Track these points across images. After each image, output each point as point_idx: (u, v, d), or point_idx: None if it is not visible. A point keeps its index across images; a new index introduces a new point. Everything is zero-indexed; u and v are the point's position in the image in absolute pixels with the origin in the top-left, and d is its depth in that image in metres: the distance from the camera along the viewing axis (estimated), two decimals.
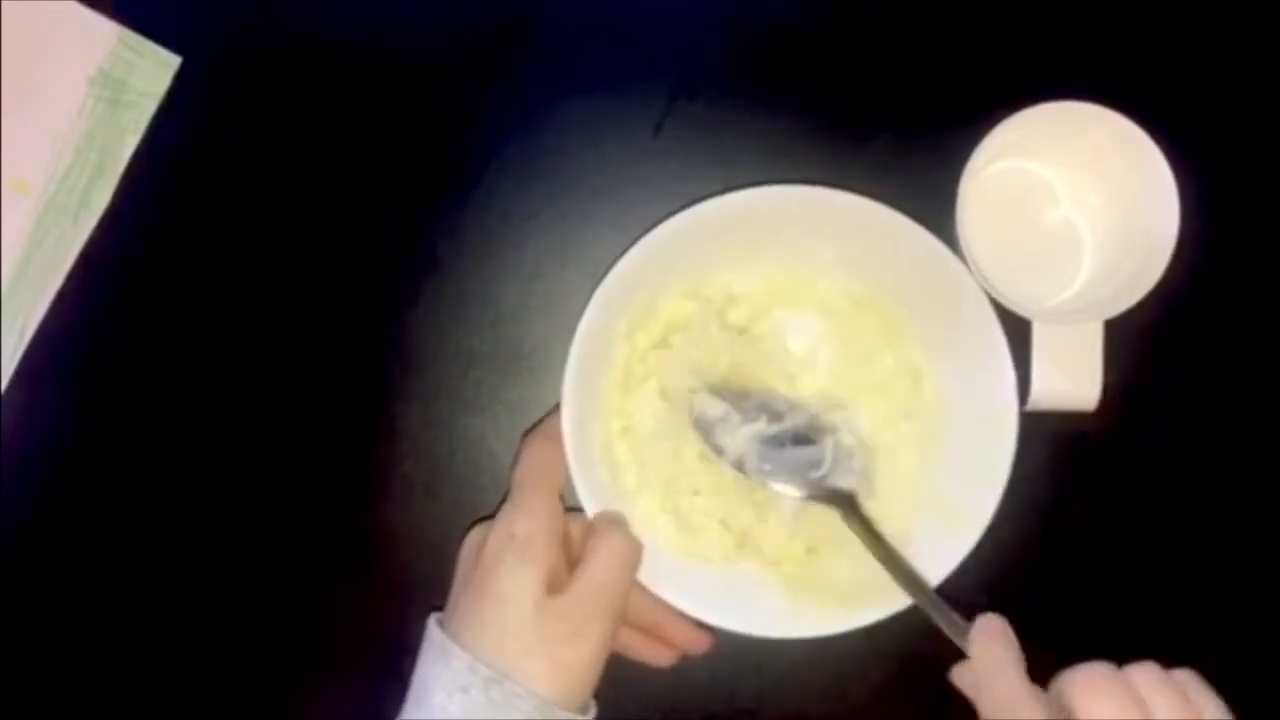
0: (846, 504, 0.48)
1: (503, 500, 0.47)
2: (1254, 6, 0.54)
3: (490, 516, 0.47)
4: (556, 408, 0.47)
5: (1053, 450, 0.53)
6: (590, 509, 0.47)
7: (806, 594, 0.49)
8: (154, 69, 0.53)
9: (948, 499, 0.49)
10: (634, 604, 0.47)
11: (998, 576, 0.50)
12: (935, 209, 0.50)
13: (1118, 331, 0.51)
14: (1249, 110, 0.54)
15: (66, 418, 0.54)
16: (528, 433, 0.50)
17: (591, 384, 0.48)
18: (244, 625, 0.53)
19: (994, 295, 0.49)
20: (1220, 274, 0.53)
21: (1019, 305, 0.49)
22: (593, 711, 0.46)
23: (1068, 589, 0.53)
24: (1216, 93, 0.54)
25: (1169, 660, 0.39)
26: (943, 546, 0.48)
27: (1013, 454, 0.47)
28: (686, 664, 0.50)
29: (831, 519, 0.49)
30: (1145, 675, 0.39)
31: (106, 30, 0.53)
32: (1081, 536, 0.54)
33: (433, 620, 0.46)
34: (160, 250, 0.53)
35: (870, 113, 0.54)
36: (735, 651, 0.52)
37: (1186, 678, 0.39)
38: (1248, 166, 0.54)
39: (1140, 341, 0.51)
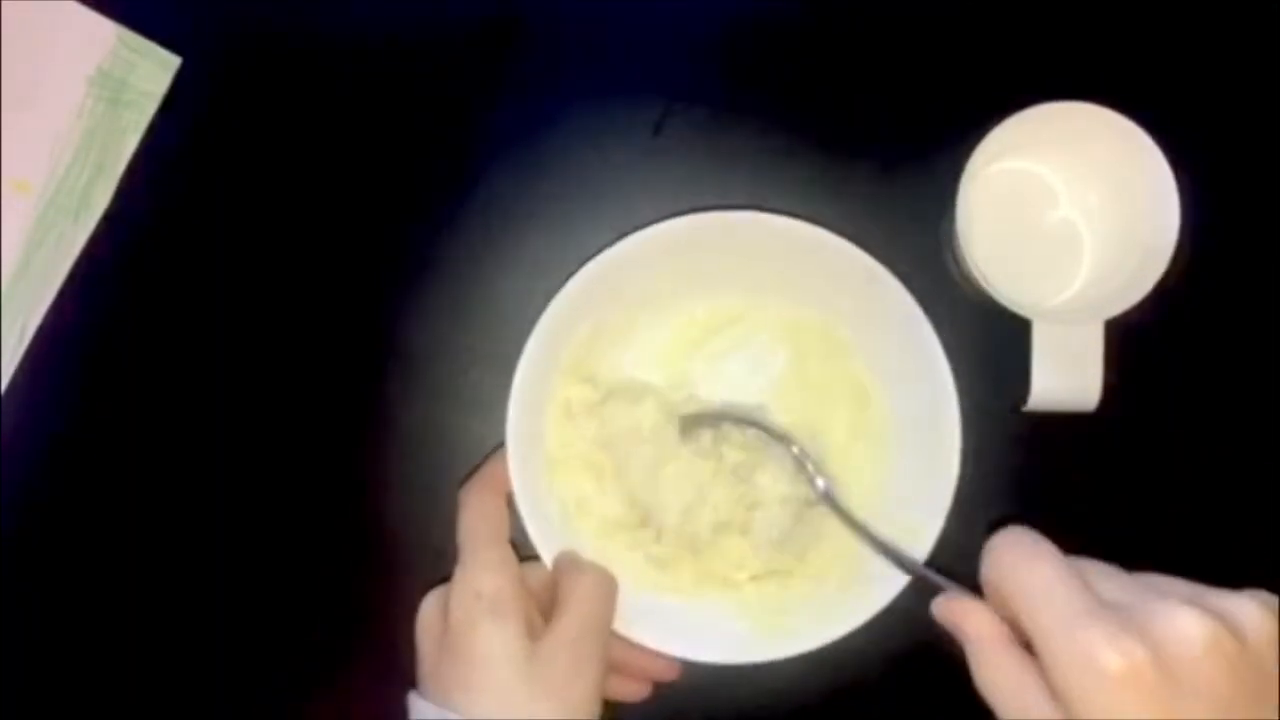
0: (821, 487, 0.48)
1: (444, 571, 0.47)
2: (1254, 6, 0.54)
3: (437, 583, 0.47)
4: (490, 453, 0.48)
5: (1053, 450, 0.53)
6: (546, 552, 0.47)
7: (767, 617, 0.49)
8: (154, 69, 0.53)
9: (896, 520, 0.48)
10: None
11: None
12: (935, 209, 0.50)
13: (1118, 331, 0.51)
14: (1249, 110, 0.54)
15: (66, 418, 0.54)
16: (463, 483, 0.49)
17: (535, 417, 0.48)
18: (243, 626, 0.53)
19: (994, 296, 0.49)
20: (1220, 274, 0.53)
21: (1019, 305, 0.49)
22: None
23: None
24: (1216, 93, 0.54)
25: None
26: (888, 568, 0.47)
27: (955, 478, 0.47)
28: (691, 665, 0.50)
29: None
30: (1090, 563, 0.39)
31: (106, 30, 0.53)
32: (1081, 537, 0.54)
33: (415, 696, 0.45)
34: (160, 250, 0.53)
35: (870, 113, 0.54)
36: None
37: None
38: (1248, 166, 0.54)
39: (1140, 341, 0.51)
